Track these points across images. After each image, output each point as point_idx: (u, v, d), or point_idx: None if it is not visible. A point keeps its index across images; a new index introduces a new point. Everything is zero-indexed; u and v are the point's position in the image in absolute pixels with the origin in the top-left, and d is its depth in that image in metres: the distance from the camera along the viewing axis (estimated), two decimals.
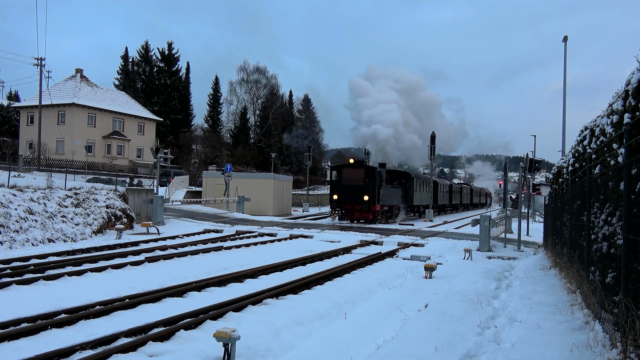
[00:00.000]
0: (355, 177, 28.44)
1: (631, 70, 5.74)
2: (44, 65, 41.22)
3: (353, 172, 28.71)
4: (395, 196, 32.85)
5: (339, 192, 28.72)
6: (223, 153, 67.23)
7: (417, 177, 39.19)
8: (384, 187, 29.79)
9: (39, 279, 10.50)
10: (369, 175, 28.38)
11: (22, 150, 50.22)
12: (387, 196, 30.58)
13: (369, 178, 28.30)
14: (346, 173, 28.95)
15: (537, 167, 28.58)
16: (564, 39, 26.50)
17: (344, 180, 28.75)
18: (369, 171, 28.61)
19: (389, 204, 31.42)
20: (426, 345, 6.18)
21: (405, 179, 36.89)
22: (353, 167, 29.04)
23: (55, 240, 16.85)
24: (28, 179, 22.82)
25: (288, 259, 14.50)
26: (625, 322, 4.86)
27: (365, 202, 27.94)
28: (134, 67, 70.51)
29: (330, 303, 9.20)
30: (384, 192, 29.63)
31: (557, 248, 13.49)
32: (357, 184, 28.23)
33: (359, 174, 28.47)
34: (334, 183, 29.29)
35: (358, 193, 28.15)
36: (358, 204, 28.09)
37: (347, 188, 28.49)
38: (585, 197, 7.87)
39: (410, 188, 36.51)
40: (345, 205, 28.73)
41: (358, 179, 28.37)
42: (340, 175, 29.05)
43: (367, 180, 28.28)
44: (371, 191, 28.12)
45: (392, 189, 32.06)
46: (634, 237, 4.93)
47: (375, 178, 28.24)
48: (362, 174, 28.40)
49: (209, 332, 6.67)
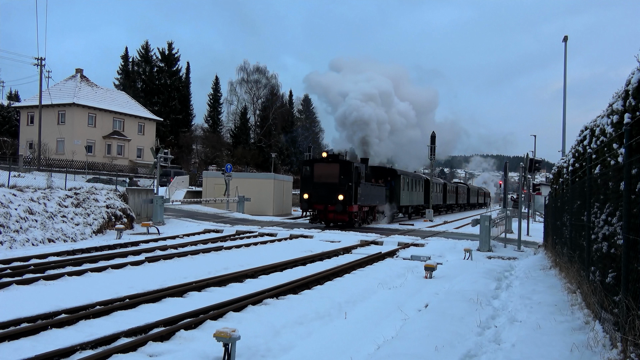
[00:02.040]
0: (329, 173, 25.12)
1: (631, 70, 5.74)
2: (44, 65, 41.26)
3: (326, 168, 25.30)
4: (378, 195, 29.59)
5: (310, 191, 25.36)
6: (223, 153, 67.23)
7: (405, 174, 35.49)
8: (364, 185, 26.40)
9: (39, 279, 10.50)
10: (344, 171, 24.93)
11: (22, 150, 50.23)
12: (368, 195, 27.27)
13: (344, 174, 24.88)
14: (318, 169, 25.49)
15: (537, 167, 28.62)
16: (564, 39, 26.51)
17: (316, 177, 25.38)
18: (344, 167, 25.09)
19: (370, 204, 28.24)
20: (426, 345, 6.18)
21: (391, 176, 33.45)
22: (326, 162, 25.56)
23: (56, 240, 16.86)
24: (28, 179, 22.83)
25: (288, 259, 14.50)
26: (625, 322, 4.86)
27: (340, 203, 24.51)
28: (134, 67, 70.52)
29: (331, 303, 9.20)
30: (363, 191, 26.29)
31: (557, 248, 13.49)
32: (331, 182, 24.95)
33: (333, 170, 25.11)
34: (305, 180, 25.81)
35: (332, 192, 24.82)
36: (332, 205, 24.70)
37: (319, 186, 25.17)
38: (586, 197, 7.87)
39: (397, 187, 33.18)
40: (317, 205, 25.26)
41: (332, 176, 25.02)
42: (311, 171, 25.62)
43: (342, 177, 24.88)
44: (347, 190, 24.72)
45: (374, 188, 28.78)
46: (634, 237, 4.93)
47: (351, 174, 24.81)
48: (337, 170, 24.99)
49: (209, 332, 6.68)
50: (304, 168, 26.27)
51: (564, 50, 26.52)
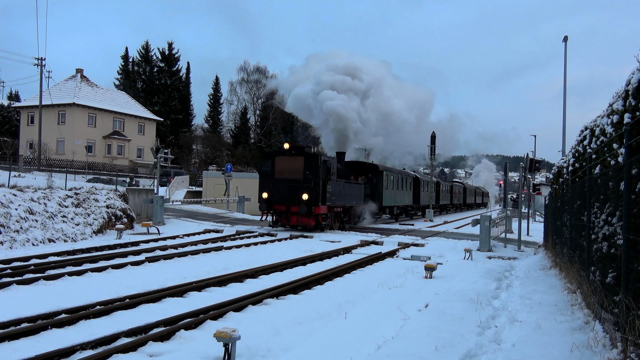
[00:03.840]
0: (292, 168, 21.60)
1: (631, 70, 5.75)
2: (45, 66, 41.29)
3: (289, 162, 21.74)
4: (354, 195, 25.82)
5: (270, 189, 21.83)
6: (223, 153, 67.27)
7: (389, 171, 31.66)
8: (335, 183, 22.68)
9: (39, 279, 10.50)
10: (310, 165, 21.37)
11: (23, 150, 50.26)
12: (340, 194, 23.55)
13: (310, 170, 21.31)
14: (280, 163, 21.93)
15: (538, 167, 28.61)
16: (564, 39, 26.52)
17: (278, 173, 21.83)
18: (310, 160, 21.52)
19: (344, 204, 24.41)
20: (426, 345, 6.18)
21: (372, 172, 29.73)
22: (289, 155, 21.88)
23: (56, 240, 16.86)
24: (28, 179, 22.84)
25: (288, 259, 14.50)
26: (625, 322, 4.86)
27: (304, 203, 20.96)
28: (134, 67, 70.57)
29: (331, 303, 9.20)
30: (334, 189, 22.58)
31: (557, 248, 13.49)
32: (294, 178, 21.46)
33: (296, 165, 21.57)
34: (265, 176, 22.15)
35: (295, 190, 21.32)
36: (295, 205, 21.26)
37: (281, 183, 21.69)
38: (586, 197, 7.87)
39: (379, 185, 29.53)
40: (278, 206, 21.83)
41: (296, 171, 21.51)
42: (272, 165, 22.01)
43: (307, 172, 21.31)
44: (313, 187, 21.11)
45: (349, 186, 25.05)
46: (634, 237, 4.93)
47: (318, 170, 21.21)
48: (302, 164, 21.45)
49: (209, 332, 6.68)
50: (264, 162, 22.63)
51: (564, 50, 26.54)
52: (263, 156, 24.10)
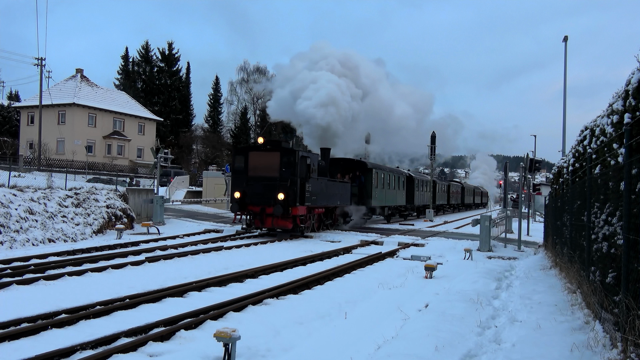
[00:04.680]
0: (268, 165, 19.68)
1: (631, 71, 5.75)
2: (45, 66, 41.29)
3: (264, 158, 19.79)
4: (339, 194, 23.71)
5: (243, 188, 19.84)
6: (223, 153, 67.27)
7: (379, 168, 29.54)
8: (315, 181, 20.74)
9: (40, 279, 10.50)
10: (287, 162, 19.43)
11: (23, 150, 50.26)
12: (322, 194, 21.57)
13: (287, 166, 19.39)
14: (254, 159, 19.96)
15: (538, 167, 28.61)
16: (564, 39, 26.53)
17: (251, 170, 19.88)
18: (287, 156, 19.51)
19: (327, 204, 22.51)
20: (426, 345, 6.18)
21: (360, 170, 27.57)
22: (264, 150, 19.93)
23: (56, 240, 16.86)
24: (28, 179, 22.84)
25: (288, 258, 14.50)
26: (625, 322, 4.86)
27: (280, 203, 18.98)
28: (134, 67, 70.58)
29: (331, 303, 9.20)
30: (315, 188, 20.64)
31: (557, 248, 13.49)
32: (269, 176, 19.50)
33: (272, 161, 19.63)
34: (238, 174, 20.18)
35: (270, 189, 19.37)
36: (271, 206, 19.27)
37: (254, 182, 19.70)
38: (586, 197, 7.87)
39: (368, 183, 27.39)
40: (252, 207, 19.74)
41: (271, 168, 19.58)
42: (245, 162, 20.08)
43: (284, 169, 19.37)
44: (290, 186, 19.19)
45: (333, 184, 22.99)
46: (634, 237, 4.93)
47: (296, 166, 19.33)
48: (277, 161, 19.52)
49: (210, 332, 6.67)
50: (236, 158, 20.59)
51: (564, 50, 26.54)
52: (235, 151, 21.69)
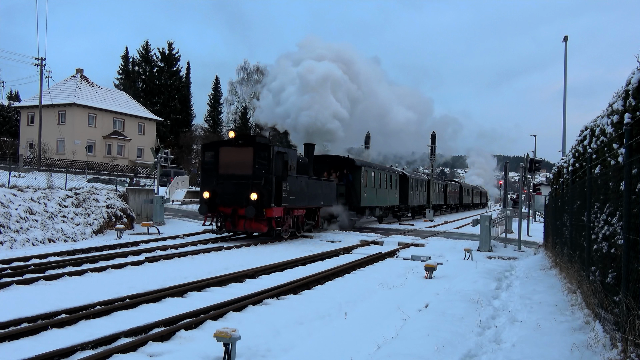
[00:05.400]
0: (240, 161, 17.87)
1: (631, 71, 5.75)
2: (45, 66, 41.29)
3: (236, 154, 17.99)
4: (323, 194, 21.76)
5: (213, 188, 18.12)
6: None
7: (368, 166, 27.45)
8: (294, 179, 18.92)
9: (40, 279, 10.50)
10: (261, 158, 17.60)
11: (23, 150, 50.26)
12: (302, 193, 19.73)
13: (261, 163, 17.57)
14: (225, 155, 18.19)
15: (538, 167, 28.62)
16: (564, 39, 26.53)
17: (222, 168, 18.16)
18: (261, 152, 17.64)
19: (309, 205, 20.58)
20: (426, 345, 6.18)
21: (348, 168, 25.75)
22: (236, 146, 18.12)
23: (56, 240, 16.86)
24: (28, 179, 22.83)
25: (288, 258, 14.51)
26: (625, 321, 4.86)
27: (253, 204, 17.12)
28: (134, 67, 70.56)
29: (331, 303, 9.20)
30: (294, 187, 18.80)
31: (557, 248, 13.49)
32: (241, 174, 17.72)
33: (244, 157, 17.79)
34: (207, 172, 18.52)
35: (243, 188, 17.56)
36: (243, 207, 17.43)
37: (225, 180, 17.96)
38: (586, 197, 7.87)
39: (356, 182, 25.62)
40: (223, 208, 18.02)
41: (244, 165, 17.77)
42: (216, 158, 18.33)
43: (258, 167, 17.55)
44: (264, 185, 17.36)
45: (315, 183, 21.09)
46: (634, 237, 4.93)
47: (270, 163, 17.51)
48: (250, 157, 17.67)
49: (210, 332, 6.68)
50: (206, 154, 18.86)
51: (564, 50, 26.54)
52: (204, 147, 19.72)
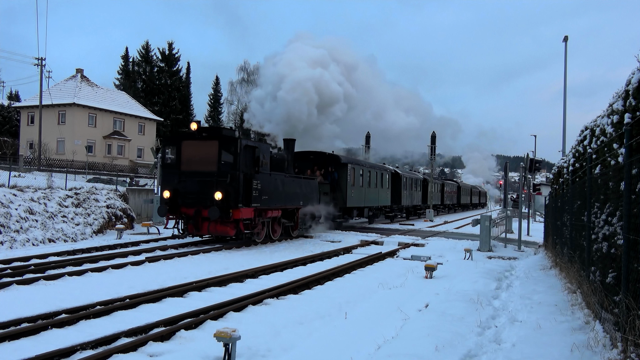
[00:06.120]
0: (204, 156, 15.86)
1: (631, 71, 5.75)
2: (45, 66, 41.32)
3: (199, 148, 15.98)
4: (303, 193, 19.84)
5: (174, 186, 16.09)
6: None
7: (356, 164, 25.57)
8: (267, 177, 16.82)
9: (40, 279, 10.50)
10: (227, 152, 15.61)
11: (23, 150, 50.27)
12: (277, 192, 17.63)
13: (227, 158, 15.60)
14: (188, 150, 16.16)
15: (538, 167, 28.64)
16: (564, 39, 26.51)
17: (185, 164, 16.13)
18: (227, 145, 15.62)
19: (285, 205, 18.57)
20: (426, 345, 6.18)
21: (334, 165, 23.85)
22: (200, 139, 16.06)
23: (56, 240, 16.86)
24: (28, 179, 22.84)
25: (288, 258, 14.51)
26: (625, 321, 4.86)
27: (217, 205, 15.15)
28: (134, 67, 70.57)
29: (331, 303, 9.20)
30: (266, 185, 16.70)
31: (557, 248, 13.49)
32: (205, 170, 15.72)
33: (209, 152, 15.76)
34: (168, 169, 16.48)
35: (207, 187, 15.55)
36: (207, 208, 15.33)
37: (188, 178, 15.97)
38: (586, 197, 7.87)
39: (342, 180, 23.71)
40: (186, 209, 15.96)
41: (208, 161, 15.76)
42: (178, 153, 16.29)
43: (223, 162, 15.57)
44: (230, 183, 15.37)
45: (293, 181, 19.09)
46: (634, 237, 4.93)
47: (237, 158, 15.48)
48: (215, 151, 15.63)
49: (210, 332, 6.68)
50: (167, 149, 16.89)
51: (565, 50, 26.53)
52: (164, 140, 17.83)
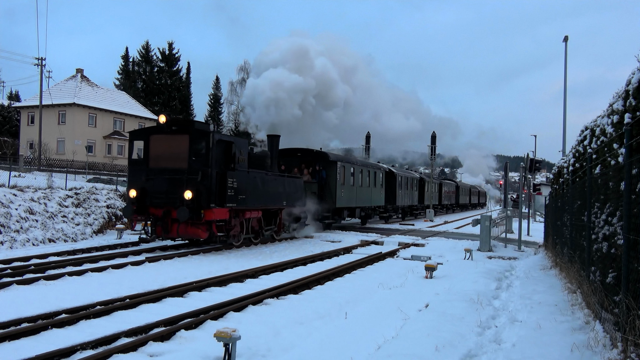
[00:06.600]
0: (173, 152, 14.70)
1: (631, 71, 5.75)
2: (45, 66, 41.32)
3: (168, 143, 14.82)
4: (287, 192, 18.62)
5: (142, 185, 14.87)
6: None
7: (346, 162, 24.20)
8: (244, 174, 15.63)
9: (40, 279, 10.50)
10: (199, 147, 14.52)
11: (23, 150, 50.26)
12: (256, 192, 16.47)
13: (198, 154, 14.50)
14: (156, 145, 14.99)
15: (538, 167, 28.65)
16: (564, 39, 26.51)
17: (153, 160, 14.98)
18: (198, 140, 14.52)
19: (265, 206, 17.31)
20: (427, 345, 6.18)
21: (321, 164, 22.47)
22: (169, 133, 14.88)
23: (56, 240, 16.87)
24: (29, 179, 22.84)
25: (288, 258, 14.51)
26: (625, 321, 4.86)
27: (188, 205, 14.00)
28: (134, 67, 70.57)
29: (331, 303, 9.20)
30: (243, 184, 15.48)
31: (557, 248, 13.49)
32: (174, 167, 14.55)
33: (179, 147, 14.61)
34: (135, 166, 15.35)
35: (176, 185, 14.37)
36: (177, 208, 14.12)
37: (157, 175, 14.75)
38: (586, 197, 7.87)
39: (331, 179, 22.42)
40: (154, 210, 14.74)
41: (178, 157, 14.59)
42: (146, 149, 15.20)
43: (194, 158, 14.46)
44: (202, 181, 14.21)
45: (275, 180, 17.91)
46: (635, 237, 4.93)
47: (210, 153, 14.36)
48: (186, 147, 14.53)
49: (210, 332, 6.67)
50: (134, 144, 15.88)
51: (565, 50, 26.52)
52: (132, 135, 16.25)
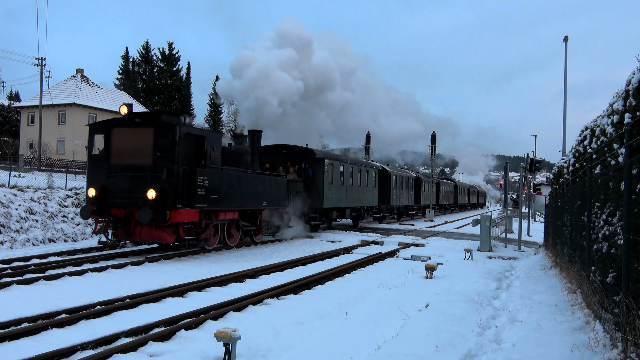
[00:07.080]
0: (137, 147, 13.48)
1: (631, 71, 5.75)
2: (45, 66, 41.32)
3: (131, 137, 13.61)
4: (267, 192, 17.27)
5: (102, 183, 13.61)
6: None
7: (334, 159, 22.76)
8: (219, 172, 14.38)
9: (40, 279, 10.50)
10: (165, 141, 13.19)
11: (23, 150, 50.26)
12: (232, 191, 15.06)
13: (164, 149, 13.20)
14: (119, 139, 13.80)
15: (538, 167, 28.65)
16: (564, 39, 26.51)
17: (115, 156, 13.77)
18: (164, 132, 13.20)
19: (241, 206, 15.88)
20: (427, 345, 6.18)
21: (307, 161, 21.14)
22: (132, 126, 13.67)
23: (56, 240, 16.86)
24: (29, 179, 22.84)
25: (288, 258, 14.51)
26: (625, 322, 4.86)
27: (151, 205, 12.76)
28: (134, 67, 70.57)
29: (331, 303, 9.20)
30: (215, 182, 14.17)
31: (557, 248, 13.49)
32: (138, 164, 13.31)
33: (143, 141, 13.36)
34: (95, 162, 14.05)
35: (139, 183, 13.15)
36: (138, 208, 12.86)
37: (118, 173, 13.50)
38: (586, 197, 7.87)
39: (318, 178, 21.08)
40: (115, 210, 13.46)
41: (141, 152, 13.36)
42: (107, 144, 13.97)
43: (159, 154, 13.20)
44: (168, 179, 12.93)
45: (254, 178, 16.47)
46: (635, 237, 4.93)
47: (177, 148, 13.07)
48: (150, 140, 13.27)
49: (210, 332, 6.67)
50: (94, 138, 14.46)
51: (565, 50, 26.52)
52: (92, 128, 14.66)
